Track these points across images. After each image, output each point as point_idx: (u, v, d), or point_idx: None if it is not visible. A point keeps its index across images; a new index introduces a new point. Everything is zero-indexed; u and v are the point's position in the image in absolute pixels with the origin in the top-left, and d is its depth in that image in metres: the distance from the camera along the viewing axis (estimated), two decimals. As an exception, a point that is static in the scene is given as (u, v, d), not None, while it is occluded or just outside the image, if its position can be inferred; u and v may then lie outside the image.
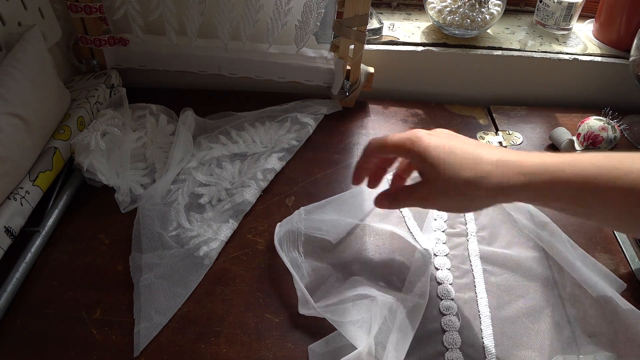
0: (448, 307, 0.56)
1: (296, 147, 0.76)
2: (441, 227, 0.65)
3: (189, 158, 0.72)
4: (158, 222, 0.63)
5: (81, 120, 0.71)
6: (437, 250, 0.62)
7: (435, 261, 0.61)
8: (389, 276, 0.59)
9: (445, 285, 0.58)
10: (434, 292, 0.58)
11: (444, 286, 0.58)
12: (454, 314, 0.55)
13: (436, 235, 0.64)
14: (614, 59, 0.89)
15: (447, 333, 0.53)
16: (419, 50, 0.87)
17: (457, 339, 0.53)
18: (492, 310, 0.56)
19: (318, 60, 0.83)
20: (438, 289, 0.58)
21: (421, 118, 0.86)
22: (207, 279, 0.59)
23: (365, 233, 0.65)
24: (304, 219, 0.63)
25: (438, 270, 0.60)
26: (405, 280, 0.58)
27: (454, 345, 0.52)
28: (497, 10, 0.88)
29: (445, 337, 0.53)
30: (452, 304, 0.56)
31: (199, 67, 0.84)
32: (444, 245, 0.63)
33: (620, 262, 0.62)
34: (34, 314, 0.55)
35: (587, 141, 0.78)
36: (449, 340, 0.53)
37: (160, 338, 0.53)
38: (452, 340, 0.53)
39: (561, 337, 0.53)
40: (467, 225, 0.65)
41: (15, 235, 0.58)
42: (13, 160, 0.58)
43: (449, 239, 0.64)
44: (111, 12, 0.77)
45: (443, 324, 0.54)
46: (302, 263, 0.60)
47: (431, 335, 0.53)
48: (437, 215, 0.66)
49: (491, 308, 0.56)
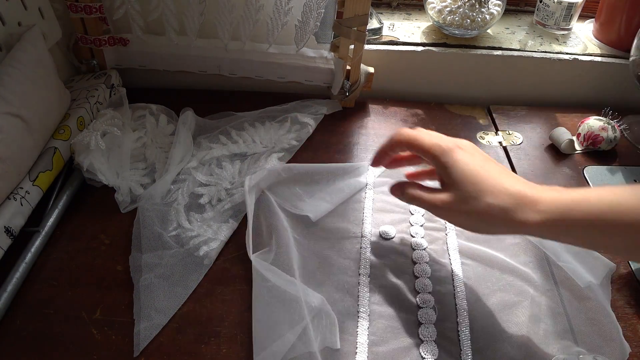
0: (425, 300, 0.56)
1: (296, 147, 0.76)
2: (419, 221, 0.65)
3: (189, 158, 0.72)
4: (158, 222, 0.63)
5: (81, 120, 0.71)
6: (415, 244, 0.62)
7: (413, 255, 0.61)
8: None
9: (422, 279, 0.58)
10: (411, 285, 0.58)
11: (422, 280, 0.58)
12: (430, 307, 0.55)
13: (414, 229, 0.64)
14: (614, 59, 0.89)
15: (423, 326, 0.54)
16: (419, 50, 0.87)
17: (433, 332, 0.53)
18: (470, 304, 0.56)
19: (318, 60, 0.82)
20: (416, 282, 0.58)
21: (421, 118, 0.86)
22: (207, 279, 0.59)
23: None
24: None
25: (416, 264, 0.60)
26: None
27: (429, 338, 0.52)
28: (497, 10, 0.88)
29: (421, 330, 0.53)
30: (429, 297, 0.56)
31: (199, 67, 0.84)
32: (422, 239, 0.63)
33: (620, 262, 0.62)
34: (33, 314, 0.55)
35: (587, 141, 0.78)
36: (424, 333, 0.53)
37: (160, 338, 0.53)
38: (427, 333, 0.53)
39: (538, 330, 0.54)
40: None
41: (15, 235, 0.58)
42: (13, 160, 0.58)
43: (428, 233, 0.64)
44: (111, 12, 0.77)
45: (419, 317, 0.54)
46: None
47: (407, 328, 0.54)
48: (414, 210, 0.67)
49: (469, 302, 0.56)
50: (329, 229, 0.64)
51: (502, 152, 0.79)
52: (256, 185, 0.65)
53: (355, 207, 0.67)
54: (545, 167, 0.77)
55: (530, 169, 0.76)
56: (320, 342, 0.51)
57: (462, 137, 0.79)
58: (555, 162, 0.78)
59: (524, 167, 0.76)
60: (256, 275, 0.56)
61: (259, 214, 0.64)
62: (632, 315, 0.57)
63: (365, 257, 0.61)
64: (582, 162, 0.78)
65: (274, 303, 0.54)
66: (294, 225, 0.63)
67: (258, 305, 0.54)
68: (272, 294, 0.54)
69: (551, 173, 0.76)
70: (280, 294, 0.54)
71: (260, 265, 0.56)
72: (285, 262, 0.58)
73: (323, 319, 0.53)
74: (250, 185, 0.64)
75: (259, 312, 0.53)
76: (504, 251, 0.62)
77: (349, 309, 0.55)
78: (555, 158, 0.79)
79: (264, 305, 0.54)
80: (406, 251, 0.62)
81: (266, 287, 0.55)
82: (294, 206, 0.65)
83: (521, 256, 0.62)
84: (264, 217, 0.64)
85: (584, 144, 0.79)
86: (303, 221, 0.64)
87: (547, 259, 0.61)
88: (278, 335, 0.51)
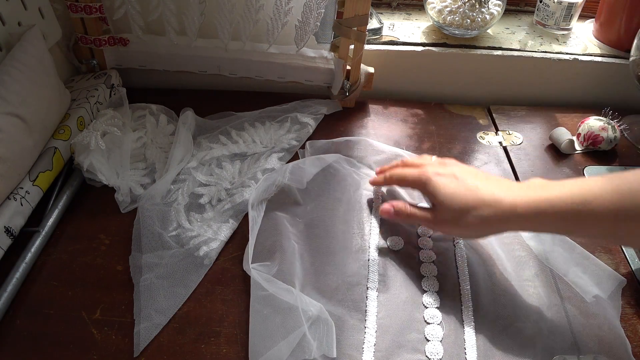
0: (432, 316, 0.55)
1: (296, 147, 0.76)
2: (427, 232, 0.64)
3: (189, 158, 0.72)
4: (158, 222, 0.63)
5: (81, 120, 0.71)
6: (423, 257, 0.61)
7: (421, 268, 0.60)
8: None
9: (430, 293, 0.57)
10: (418, 300, 0.57)
11: (429, 294, 0.57)
12: (437, 323, 0.54)
13: (422, 240, 0.63)
14: (614, 59, 0.89)
15: (430, 343, 0.52)
16: (419, 51, 0.87)
17: (440, 349, 0.52)
18: (476, 319, 0.55)
19: (318, 60, 0.82)
20: (423, 297, 0.57)
21: (421, 118, 0.86)
22: (207, 279, 0.59)
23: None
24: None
25: (423, 277, 0.59)
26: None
27: (436, 356, 0.51)
28: (497, 10, 0.87)
29: (428, 347, 0.52)
30: (436, 312, 0.55)
31: (199, 67, 0.84)
32: (430, 251, 0.61)
33: (620, 262, 0.62)
34: (33, 314, 0.55)
35: (587, 141, 0.78)
36: (431, 351, 0.52)
37: (160, 338, 0.53)
38: (434, 350, 0.52)
39: (547, 345, 0.53)
40: None
41: (15, 235, 0.58)
42: (13, 160, 0.58)
43: (436, 244, 0.63)
44: (111, 12, 0.77)
45: (426, 333, 0.53)
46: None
47: (414, 344, 0.52)
48: None
49: (476, 317, 0.55)
50: (335, 241, 0.63)
51: (502, 152, 0.79)
52: (259, 198, 0.65)
53: (363, 218, 0.66)
54: (546, 167, 0.76)
55: (531, 169, 0.76)
56: (317, 350, 0.50)
57: (462, 137, 0.81)
58: (555, 162, 0.78)
59: (524, 167, 0.76)
60: (253, 285, 0.56)
61: (263, 229, 0.63)
62: (632, 315, 0.57)
63: (372, 269, 0.59)
64: (582, 162, 0.78)
65: (270, 312, 0.53)
66: (299, 239, 0.62)
67: (254, 315, 0.53)
68: (268, 303, 0.54)
69: (551, 173, 0.75)
70: (277, 302, 0.54)
71: (258, 275, 0.56)
72: (288, 275, 0.57)
73: (320, 326, 0.52)
74: (254, 201, 0.63)
75: (255, 322, 0.53)
76: (511, 262, 0.61)
77: (355, 323, 0.54)
78: (556, 158, 0.78)
79: (260, 315, 0.53)
80: (414, 264, 0.61)
81: (262, 296, 0.54)
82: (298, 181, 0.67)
83: (532, 267, 0.61)
84: (269, 234, 0.62)
85: (584, 144, 0.79)
86: (309, 233, 0.63)
87: (553, 273, 0.60)
88: (273, 345, 0.50)
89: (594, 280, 0.58)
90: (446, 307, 0.56)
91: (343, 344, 0.52)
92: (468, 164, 0.74)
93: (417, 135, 0.82)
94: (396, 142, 0.79)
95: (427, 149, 0.78)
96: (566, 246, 0.62)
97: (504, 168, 0.76)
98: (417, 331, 0.54)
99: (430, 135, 0.82)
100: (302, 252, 0.61)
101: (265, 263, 0.58)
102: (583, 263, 0.60)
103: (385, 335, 0.53)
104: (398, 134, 0.82)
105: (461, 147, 0.80)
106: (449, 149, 0.79)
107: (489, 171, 0.74)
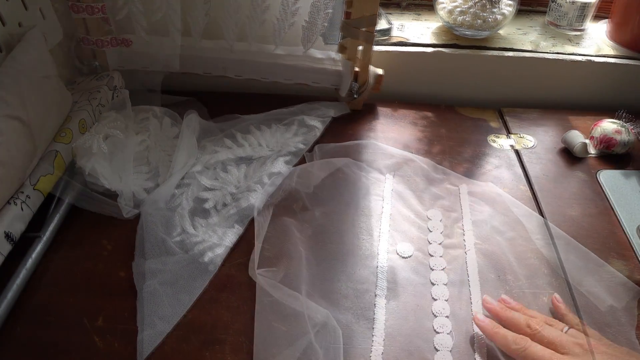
0: (442, 325, 0.54)
1: (303, 150, 0.76)
2: (438, 239, 0.63)
3: (193, 162, 0.72)
4: (162, 227, 0.62)
5: (83, 123, 0.71)
6: (434, 264, 0.60)
7: (431, 276, 0.59)
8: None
9: (440, 302, 0.56)
10: (428, 308, 0.56)
11: (439, 302, 0.56)
12: (447, 332, 0.53)
13: (432, 248, 0.62)
14: (629, 60, 0.88)
15: (439, 353, 0.51)
16: (429, 52, 0.87)
17: (450, 359, 0.51)
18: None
19: (325, 61, 0.82)
20: (433, 305, 0.56)
21: (431, 121, 0.85)
22: (211, 286, 0.58)
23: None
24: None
25: (434, 285, 0.58)
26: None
27: None
28: (508, 11, 0.87)
29: (437, 357, 0.51)
30: (446, 322, 0.54)
31: (204, 69, 0.84)
32: (441, 259, 0.61)
33: (634, 268, 0.61)
34: (34, 321, 0.54)
35: (601, 145, 0.77)
36: None
37: (163, 346, 0.52)
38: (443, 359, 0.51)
39: None
40: (465, 236, 0.64)
41: (16, 240, 0.58)
42: (13, 164, 0.58)
43: (447, 251, 0.62)
44: (113, 12, 0.77)
45: (435, 343, 0.52)
46: None
47: (423, 354, 0.52)
48: (432, 227, 0.65)
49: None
50: (343, 246, 0.62)
51: (514, 156, 0.78)
52: (266, 203, 0.65)
53: (372, 223, 0.65)
54: (558, 171, 0.75)
55: (543, 173, 0.74)
56: (323, 358, 0.50)
57: (473, 140, 0.80)
58: (568, 165, 0.77)
59: (536, 171, 0.75)
60: (259, 291, 0.55)
61: (270, 235, 0.63)
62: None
63: (381, 276, 0.59)
64: (595, 166, 0.76)
65: (276, 319, 0.53)
66: (307, 244, 0.62)
67: (259, 322, 0.53)
68: (274, 309, 0.54)
69: (564, 177, 0.74)
70: (283, 309, 0.53)
71: (264, 281, 0.55)
72: (295, 281, 0.56)
73: (327, 334, 0.51)
74: (260, 206, 0.64)
75: (260, 329, 0.52)
76: (524, 270, 0.60)
77: (362, 331, 0.53)
78: (569, 162, 0.77)
79: (265, 322, 0.53)
80: (424, 271, 0.60)
81: (268, 303, 0.54)
82: None
83: (540, 278, 0.60)
84: (275, 240, 0.62)
85: (597, 147, 0.78)
86: (317, 239, 0.63)
87: (568, 283, 0.59)
88: (278, 352, 0.50)
89: (608, 290, 0.58)
90: (456, 316, 0.55)
91: (350, 352, 0.51)
92: (479, 169, 0.73)
93: (427, 138, 0.81)
94: (405, 146, 0.79)
95: (437, 153, 0.77)
96: (580, 254, 0.61)
97: (515, 172, 0.75)
98: (426, 340, 0.53)
99: (440, 138, 0.81)
100: (309, 257, 0.60)
101: (272, 269, 0.58)
102: (597, 271, 0.59)
103: (393, 344, 0.52)
104: (407, 137, 0.81)
105: (472, 150, 0.79)
106: (460, 152, 0.78)
107: (500, 175, 0.73)
